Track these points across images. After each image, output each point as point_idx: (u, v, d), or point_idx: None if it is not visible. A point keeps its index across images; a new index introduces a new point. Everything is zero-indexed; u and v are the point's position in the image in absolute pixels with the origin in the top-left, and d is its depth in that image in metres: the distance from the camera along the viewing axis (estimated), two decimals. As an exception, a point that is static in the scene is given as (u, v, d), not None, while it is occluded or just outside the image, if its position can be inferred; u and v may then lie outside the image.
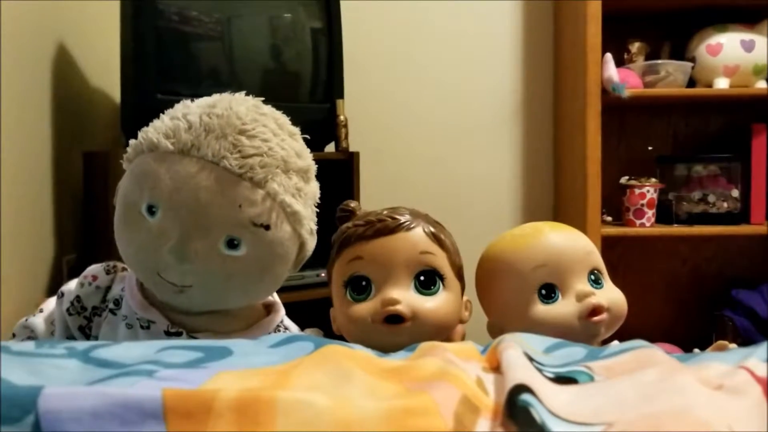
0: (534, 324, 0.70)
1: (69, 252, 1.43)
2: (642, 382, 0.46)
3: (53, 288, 1.30)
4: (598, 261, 0.74)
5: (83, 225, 1.49)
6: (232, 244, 0.66)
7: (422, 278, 0.70)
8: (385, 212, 0.72)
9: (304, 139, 0.74)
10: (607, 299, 0.70)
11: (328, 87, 1.65)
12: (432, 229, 0.72)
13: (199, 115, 0.67)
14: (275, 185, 0.66)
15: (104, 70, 1.67)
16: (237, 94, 0.71)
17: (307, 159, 0.72)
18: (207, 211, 0.65)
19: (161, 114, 0.71)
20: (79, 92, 1.57)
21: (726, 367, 0.49)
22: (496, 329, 0.75)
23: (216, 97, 0.71)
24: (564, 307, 0.70)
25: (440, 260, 0.71)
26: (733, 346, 0.73)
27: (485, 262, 0.76)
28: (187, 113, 0.68)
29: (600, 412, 0.42)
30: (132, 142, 0.70)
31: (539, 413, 0.40)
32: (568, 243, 0.73)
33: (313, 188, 0.73)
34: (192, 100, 0.71)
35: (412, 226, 0.71)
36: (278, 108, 0.73)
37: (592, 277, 0.72)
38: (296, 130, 0.73)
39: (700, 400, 0.43)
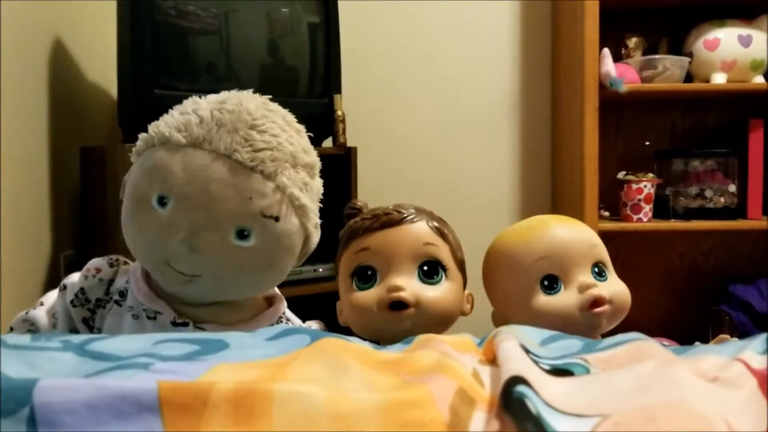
0: (536, 314, 0.71)
1: (66, 248, 1.42)
2: (638, 374, 0.46)
3: (51, 284, 1.30)
4: (603, 254, 0.74)
5: (80, 220, 1.49)
6: (242, 234, 0.68)
7: (425, 268, 0.73)
8: (390, 207, 0.75)
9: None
10: (609, 291, 0.71)
11: (326, 82, 1.65)
12: (435, 224, 0.75)
13: (210, 111, 0.69)
14: (284, 178, 0.68)
15: (101, 65, 1.67)
16: (245, 92, 0.73)
17: (312, 155, 0.74)
18: (218, 203, 0.66)
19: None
20: (76, 87, 1.56)
21: (721, 359, 0.49)
22: (499, 319, 0.76)
23: (224, 94, 0.73)
24: (565, 298, 0.71)
25: (443, 252, 0.74)
26: (735, 340, 0.74)
27: (492, 253, 0.78)
28: (197, 108, 0.69)
29: (596, 404, 0.43)
30: (142, 135, 0.71)
31: (535, 404, 0.40)
32: (572, 236, 0.73)
33: (318, 184, 0.76)
34: (200, 97, 0.73)
35: (416, 219, 0.74)
36: (276, 103, 0.75)
37: (596, 269, 0.73)
38: (302, 127, 0.75)
39: (696, 393, 0.43)
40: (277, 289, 0.83)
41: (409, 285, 0.71)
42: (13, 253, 1.18)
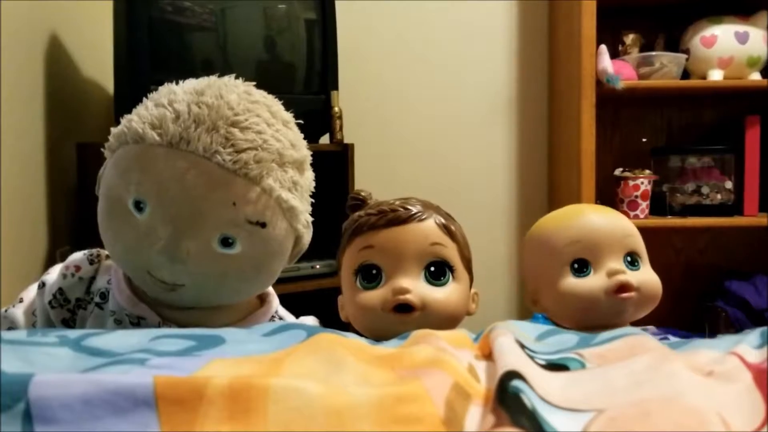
0: (563, 295, 0.72)
1: (62, 244, 1.42)
2: (633, 369, 0.46)
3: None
4: (637, 244, 0.75)
5: (77, 217, 1.49)
6: (226, 242, 0.63)
7: (432, 269, 0.70)
8: (397, 202, 0.72)
9: (298, 128, 0.71)
10: (638, 279, 0.71)
11: (323, 78, 1.64)
12: (443, 221, 0.72)
13: (187, 104, 0.62)
14: (271, 181, 0.63)
15: (98, 61, 1.66)
16: (226, 78, 0.67)
17: (302, 149, 0.69)
18: (199, 210, 0.61)
19: (144, 99, 0.67)
20: (72, 83, 1.56)
21: (716, 353, 0.49)
22: (530, 299, 0.78)
23: (204, 81, 0.66)
24: (593, 282, 0.71)
25: (450, 252, 0.71)
26: None
27: (528, 237, 0.80)
28: (174, 100, 0.63)
29: (591, 399, 0.43)
30: (114, 130, 0.66)
31: (530, 399, 0.40)
32: (606, 223, 0.74)
33: (309, 179, 0.71)
34: (176, 83, 0.67)
35: (423, 217, 0.71)
36: (262, 90, 0.69)
37: (629, 258, 0.73)
38: (290, 117, 0.70)
39: (691, 387, 0.43)
40: (270, 287, 0.79)
41: (416, 287, 0.69)
42: (10, 250, 1.18)
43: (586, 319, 0.70)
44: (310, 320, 0.84)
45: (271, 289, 0.79)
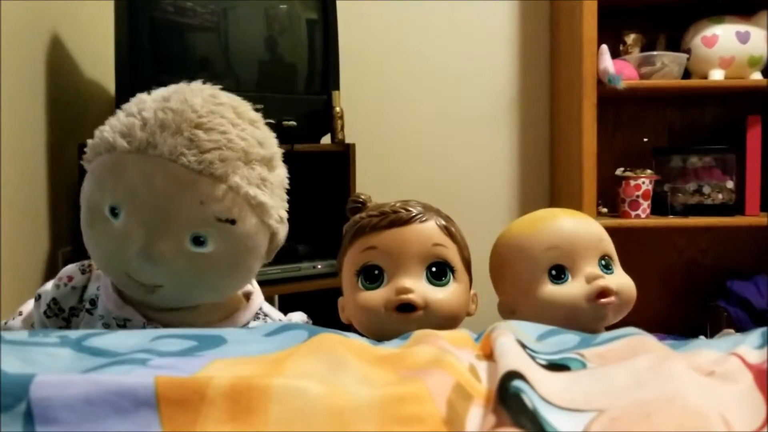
0: (543, 303, 0.71)
1: (64, 244, 1.42)
2: (634, 369, 0.46)
3: (48, 280, 1.30)
4: (610, 248, 0.75)
5: (78, 217, 1.49)
6: (198, 241, 0.65)
7: (434, 269, 0.71)
8: (398, 204, 0.73)
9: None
10: (616, 284, 0.71)
11: (324, 78, 1.64)
12: (444, 223, 0.73)
13: (154, 111, 0.65)
14: (237, 178, 0.65)
15: (99, 61, 1.67)
16: (193, 84, 0.70)
17: (270, 147, 0.70)
18: (169, 211, 0.64)
19: (117, 111, 0.69)
20: (73, 84, 1.56)
21: (718, 354, 0.49)
22: (506, 309, 0.77)
23: (171, 88, 0.69)
24: (573, 288, 0.71)
25: (451, 253, 0.72)
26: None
27: (500, 243, 0.78)
28: (142, 109, 0.66)
29: (592, 399, 0.43)
30: (89, 142, 0.69)
31: (531, 399, 0.40)
32: (581, 228, 0.74)
33: (280, 175, 0.72)
34: (148, 93, 0.69)
35: (425, 218, 0.72)
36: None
37: (603, 262, 0.73)
38: (257, 116, 0.71)
39: (692, 387, 0.43)
40: (255, 284, 0.81)
41: (418, 287, 0.69)
42: (11, 250, 1.18)
43: (566, 327, 0.69)
44: (297, 316, 0.84)
45: (256, 287, 0.81)
